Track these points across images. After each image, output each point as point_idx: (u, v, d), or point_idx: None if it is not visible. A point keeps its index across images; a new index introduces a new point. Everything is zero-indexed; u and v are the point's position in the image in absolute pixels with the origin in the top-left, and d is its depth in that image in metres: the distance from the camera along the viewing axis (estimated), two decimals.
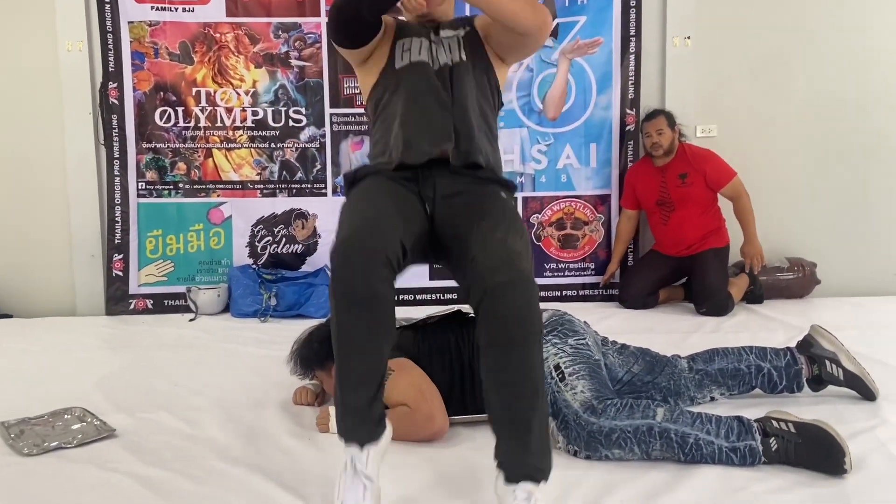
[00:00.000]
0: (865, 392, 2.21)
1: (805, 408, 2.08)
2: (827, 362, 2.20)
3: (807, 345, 2.26)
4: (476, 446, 1.94)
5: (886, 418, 2.08)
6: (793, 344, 2.32)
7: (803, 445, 1.73)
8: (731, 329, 3.26)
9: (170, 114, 3.81)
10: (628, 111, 3.92)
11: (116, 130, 3.79)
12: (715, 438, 1.77)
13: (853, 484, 1.69)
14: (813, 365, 2.21)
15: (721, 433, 1.78)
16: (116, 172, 3.81)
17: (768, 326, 3.27)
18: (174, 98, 3.81)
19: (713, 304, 3.53)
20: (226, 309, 3.77)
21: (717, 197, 3.70)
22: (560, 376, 1.92)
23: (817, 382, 2.22)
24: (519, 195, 3.93)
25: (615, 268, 3.92)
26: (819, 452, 1.72)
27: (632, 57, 3.89)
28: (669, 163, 3.68)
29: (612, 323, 3.34)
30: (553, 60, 3.90)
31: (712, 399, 2.20)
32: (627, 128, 3.93)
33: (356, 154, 3.87)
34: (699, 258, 3.66)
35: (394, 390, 1.97)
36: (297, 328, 2.54)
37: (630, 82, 3.91)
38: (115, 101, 3.78)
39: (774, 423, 1.79)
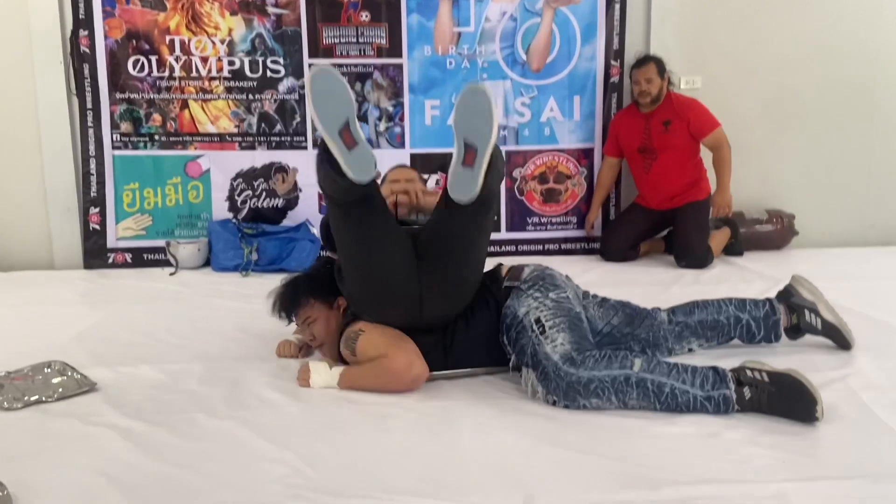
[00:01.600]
0: (842, 342, 2.26)
1: (780, 357, 2.12)
2: (806, 311, 2.23)
3: (787, 294, 2.30)
4: (457, 398, 1.97)
5: (859, 367, 2.13)
6: (770, 294, 2.35)
7: (776, 394, 1.77)
8: (710, 281, 3.30)
9: (143, 63, 3.71)
10: (613, 62, 3.88)
11: (88, 80, 3.69)
12: (690, 388, 1.81)
13: (824, 431, 1.74)
14: (792, 314, 2.24)
15: (696, 382, 1.82)
16: (90, 123, 3.72)
17: (746, 278, 3.31)
18: (147, 46, 3.70)
19: (693, 257, 3.56)
20: (206, 263, 3.75)
21: (699, 147, 3.69)
22: (541, 329, 1.94)
23: (795, 331, 2.26)
24: (502, 148, 3.89)
25: (595, 216, 3.92)
26: (791, 401, 1.76)
27: (617, 6, 3.83)
28: (655, 110, 3.66)
29: (593, 276, 3.37)
30: (537, 10, 3.83)
31: (690, 350, 2.24)
32: (612, 79, 3.89)
33: None
34: (680, 212, 3.67)
35: (369, 346, 1.99)
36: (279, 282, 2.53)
37: (615, 33, 3.86)
38: (87, 50, 3.67)
39: (749, 372, 1.82)
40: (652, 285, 3.21)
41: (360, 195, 1.88)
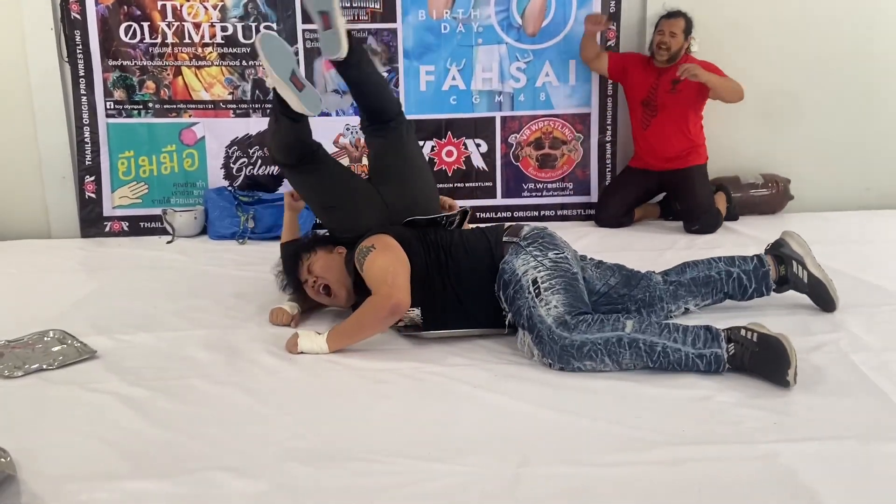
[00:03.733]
0: (826, 299, 2.28)
1: (773, 319, 2.14)
2: (794, 263, 2.27)
3: (778, 245, 2.34)
4: (453, 363, 2.00)
5: (850, 329, 2.16)
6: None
7: (758, 354, 1.80)
8: (705, 246, 3.32)
9: (135, 29, 3.66)
10: (609, 26, 3.83)
11: (80, 47, 3.65)
12: (682, 346, 1.84)
13: (815, 393, 1.77)
14: (780, 266, 2.27)
15: (688, 341, 1.85)
16: (83, 91, 3.69)
17: (741, 243, 3.33)
18: (139, 12, 3.65)
19: (706, 221, 3.55)
20: (203, 231, 3.75)
21: (700, 113, 3.66)
22: (536, 291, 1.97)
23: (782, 283, 2.29)
24: (497, 114, 3.88)
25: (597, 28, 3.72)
26: (770, 362, 1.79)
27: None
28: (668, 68, 3.61)
29: (588, 242, 3.37)
30: None
31: (686, 311, 2.26)
32: (608, 43, 3.86)
33: (330, 73, 3.77)
34: (686, 176, 3.65)
35: (370, 269, 2.05)
36: (276, 250, 2.55)
37: None
38: (77, 16, 3.62)
39: (742, 331, 1.85)
40: (647, 251, 3.23)
41: (300, 150, 2.41)
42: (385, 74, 3.79)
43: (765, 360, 1.79)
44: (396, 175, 2.44)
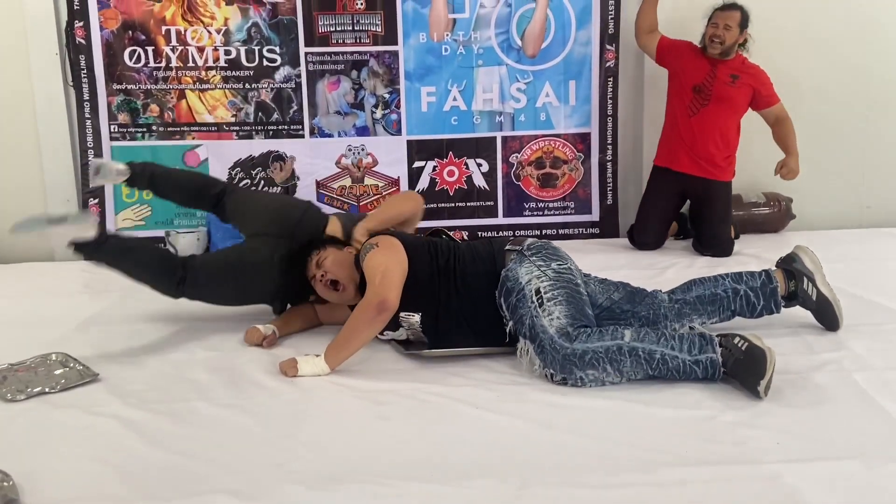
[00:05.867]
0: (830, 319, 2.28)
1: (775, 336, 2.14)
2: (805, 279, 2.26)
3: (790, 260, 2.33)
4: (453, 384, 2.00)
5: (853, 348, 2.16)
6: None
7: (741, 362, 1.83)
8: (707, 264, 3.32)
9: (139, 54, 3.71)
10: (608, 47, 3.87)
11: (85, 71, 3.69)
12: (679, 353, 1.87)
13: (818, 413, 1.77)
14: (790, 281, 2.26)
15: (684, 348, 1.87)
16: (87, 115, 3.72)
17: (743, 262, 3.32)
18: (143, 37, 3.69)
19: (723, 247, 3.50)
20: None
21: (740, 121, 3.57)
22: (539, 301, 1.98)
23: (790, 299, 2.28)
24: (498, 134, 3.91)
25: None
26: (747, 371, 1.82)
27: None
28: (726, 61, 3.48)
29: (590, 260, 3.33)
30: None
31: (691, 329, 2.24)
32: (607, 64, 3.89)
33: (333, 94, 3.80)
34: (709, 192, 3.53)
35: (368, 265, 2.11)
36: None
37: (610, 17, 3.85)
38: (82, 41, 3.66)
39: (736, 339, 1.87)
40: (649, 269, 3.23)
41: (167, 257, 2.61)
42: (386, 97, 3.82)
43: (744, 368, 1.82)
44: (262, 210, 2.67)
